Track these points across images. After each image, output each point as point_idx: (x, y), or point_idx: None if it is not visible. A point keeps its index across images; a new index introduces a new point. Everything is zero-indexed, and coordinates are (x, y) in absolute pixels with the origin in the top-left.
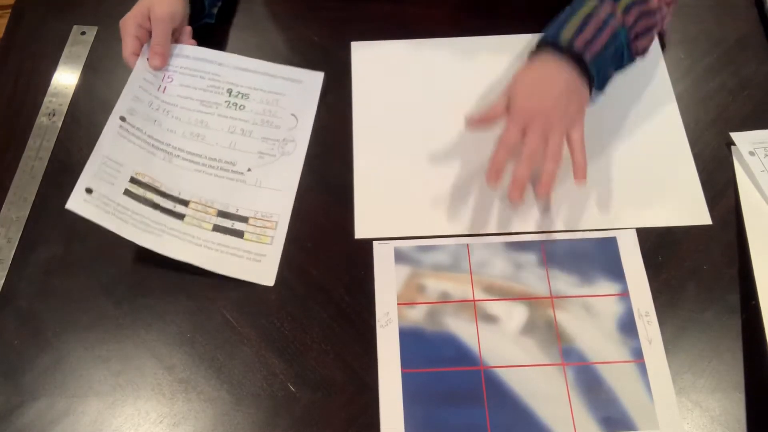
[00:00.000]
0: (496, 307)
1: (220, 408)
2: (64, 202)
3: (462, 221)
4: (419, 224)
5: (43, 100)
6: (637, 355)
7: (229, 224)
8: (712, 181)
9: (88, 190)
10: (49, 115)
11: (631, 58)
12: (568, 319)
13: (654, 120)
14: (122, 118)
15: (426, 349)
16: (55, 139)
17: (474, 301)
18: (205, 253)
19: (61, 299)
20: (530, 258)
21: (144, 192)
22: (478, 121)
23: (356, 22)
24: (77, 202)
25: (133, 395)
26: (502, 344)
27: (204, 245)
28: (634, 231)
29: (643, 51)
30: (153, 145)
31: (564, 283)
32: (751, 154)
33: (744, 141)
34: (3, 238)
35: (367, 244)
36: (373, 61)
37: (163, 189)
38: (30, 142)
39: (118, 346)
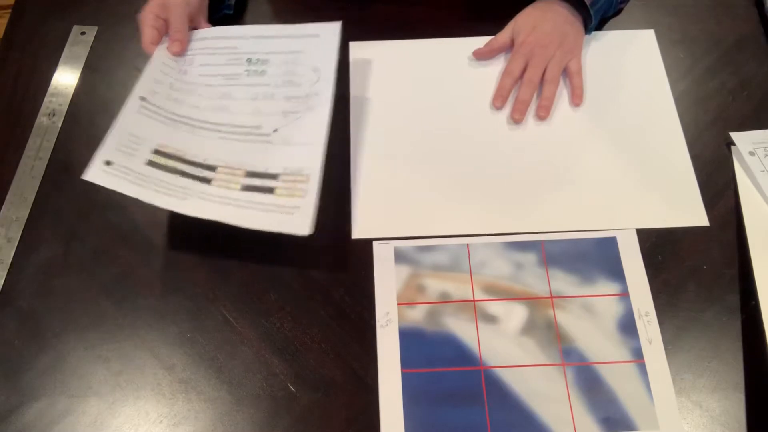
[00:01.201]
0: (496, 307)
1: (220, 408)
2: (65, 202)
3: (462, 221)
4: (419, 224)
5: (43, 100)
6: (637, 355)
7: (259, 182)
8: (712, 181)
9: (107, 162)
10: (49, 115)
11: (617, 6)
12: (568, 319)
13: (652, 120)
14: (142, 98)
15: (426, 349)
16: (55, 139)
17: (474, 301)
18: (233, 211)
19: (61, 299)
20: (530, 258)
21: (168, 161)
22: (484, 52)
23: (356, 23)
24: (96, 173)
25: (133, 395)
26: (502, 344)
27: (232, 204)
28: (634, 231)
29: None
30: (175, 120)
31: (564, 283)
32: (751, 154)
33: (744, 141)
34: (3, 238)
35: (367, 244)
36: (372, 61)
37: (188, 157)
38: (30, 142)
39: (118, 346)
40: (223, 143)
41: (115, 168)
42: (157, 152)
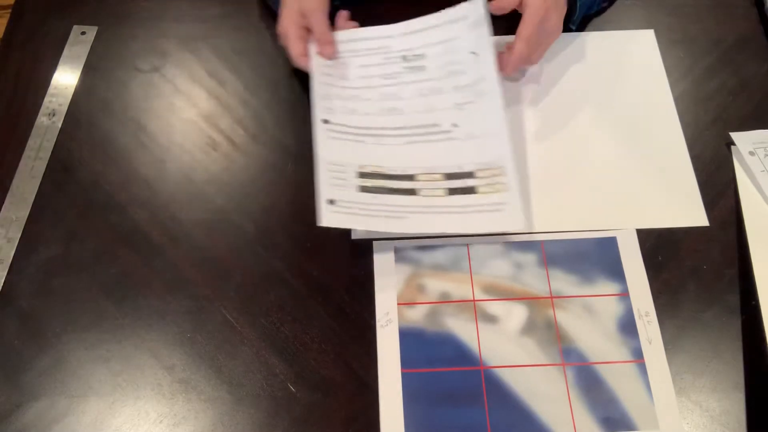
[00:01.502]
0: (496, 307)
1: (220, 408)
2: (64, 202)
3: None
4: None
5: (43, 100)
6: (637, 355)
7: (460, 183)
8: (712, 181)
9: (330, 201)
10: (49, 115)
11: (600, 5)
12: (568, 319)
13: (652, 120)
14: (325, 121)
15: (426, 349)
16: (55, 139)
17: (474, 301)
18: (449, 219)
19: (61, 299)
20: (530, 258)
21: (374, 182)
22: (496, 4)
23: (357, 23)
24: (327, 216)
25: (133, 395)
26: (502, 344)
27: (446, 212)
28: (634, 231)
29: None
30: (361, 134)
31: (564, 283)
32: (751, 154)
33: (744, 141)
34: (3, 238)
35: (367, 244)
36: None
37: (388, 171)
38: (30, 142)
39: (118, 346)
40: (410, 148)
41: (339, 205)
42: (361, 175)
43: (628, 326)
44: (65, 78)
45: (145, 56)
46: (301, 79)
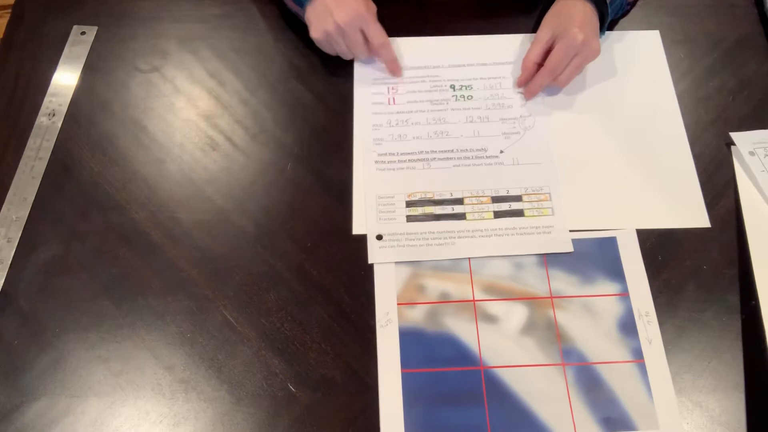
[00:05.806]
0: (496, 307)
1: (220, 408)
2: (64, 202)
3: None
4: None
5: (43, 100)
6: (637, 355)
7: (507, 207)
8: (712, 181)
9: (379, 237)
10: (49, 115)
11: (624, 8)
12: (568, 319)
13: (655, 121)
14: (374, 154)
15: (426, 349)
16: (55, 139)
17: (474, 301)
18: (497, 242)
19: (61, 299)
20: (530, 258)
21: (422, 209)
22: (526, 76)
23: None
24: (375, 254)
25: (133, 395)
26: (502, 344)
27: (493, 235)
28: (634, 231)
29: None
30: (409, 161)
31: (564, 283)
32: (751, 154)
33: (744, 141)
34: (3, 238)
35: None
36: (374, 61)
37: (436, 197)
38: (30, 142)
39: (118, 346)
40: (459, 171)
41: (386, 240)
42: (409, 204)
43: (628, 326)
44: (65, 78)
45: (145, 56)
46: (301, 79)
